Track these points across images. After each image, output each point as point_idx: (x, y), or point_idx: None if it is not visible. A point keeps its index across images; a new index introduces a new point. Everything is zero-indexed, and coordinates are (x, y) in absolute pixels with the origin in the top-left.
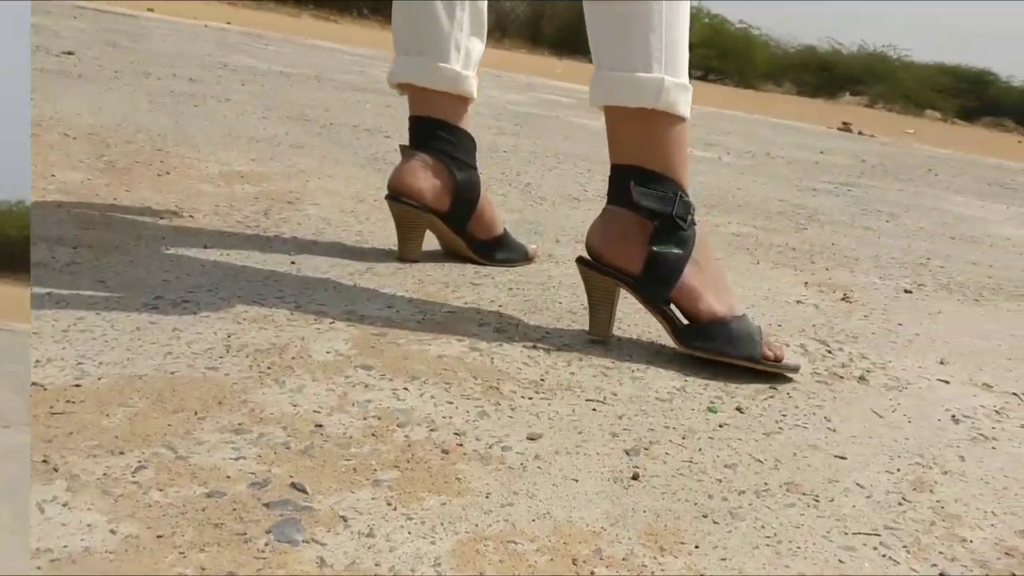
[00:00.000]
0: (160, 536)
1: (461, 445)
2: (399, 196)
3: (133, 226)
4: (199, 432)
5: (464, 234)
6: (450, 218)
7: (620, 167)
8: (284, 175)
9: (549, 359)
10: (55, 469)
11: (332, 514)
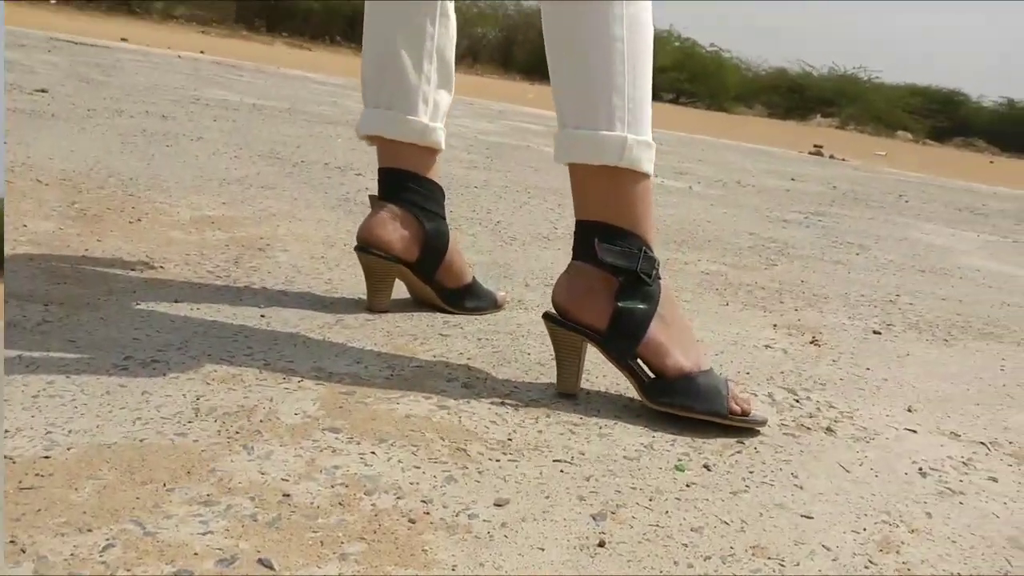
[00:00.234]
0: None
1: (428, 513)
2: (368, 247)
3: (104, 279)
4: (168, 505)
5: (433, 283)
6: (419, 268)
7: (585, 223)
8: (255, 219)
9: (517, 416)
10: (23, 550)
11: None
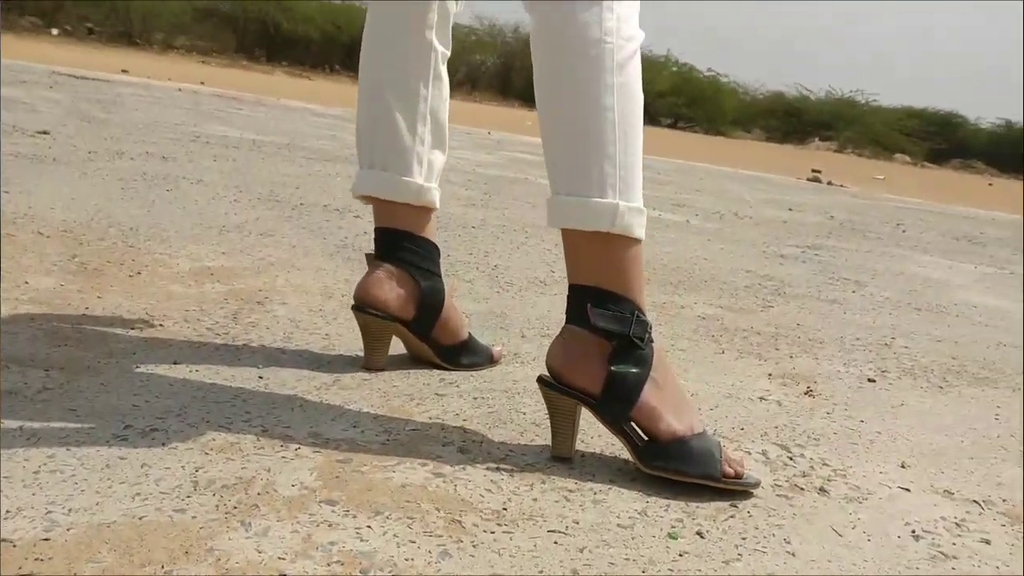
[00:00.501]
0: None
1: None
2: (365, 307)
3: (105, 340)
4: None
5: (429, 340)
6: (415, 326)
7: (578, 287)
8: (254, 269)
9: (512, 483)
10: None
11: None
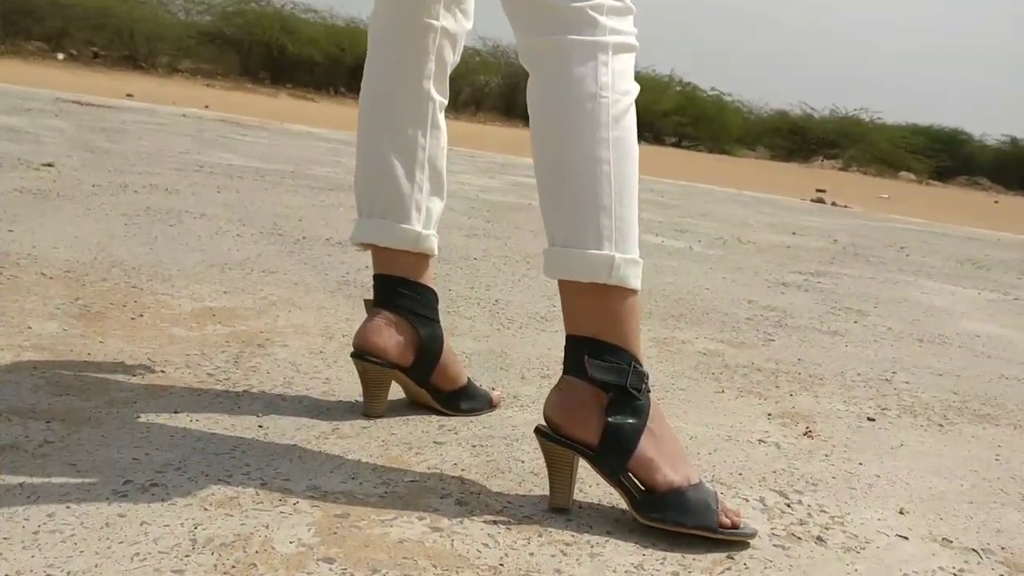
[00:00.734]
0: None
1: None
2: (364, 355)
3: (106, 388)
4: None
5: (428, 386)
6: (414, 372)
7: (575, 338)
8: (255, 309)
9: (509, 536)
10: None
11: None
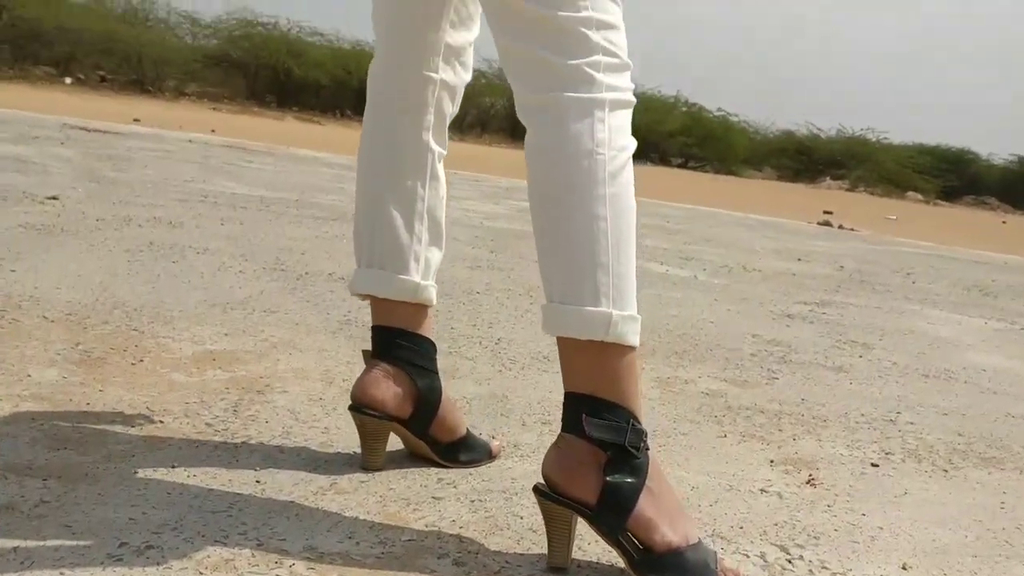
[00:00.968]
0: None
1: None
2: (362, 408)
3: (104, 441)
4: None
5: (427, 438)
6: (412, 424)
7: (573, 395)
8: (256, 353)
9: None
10: None
11: None
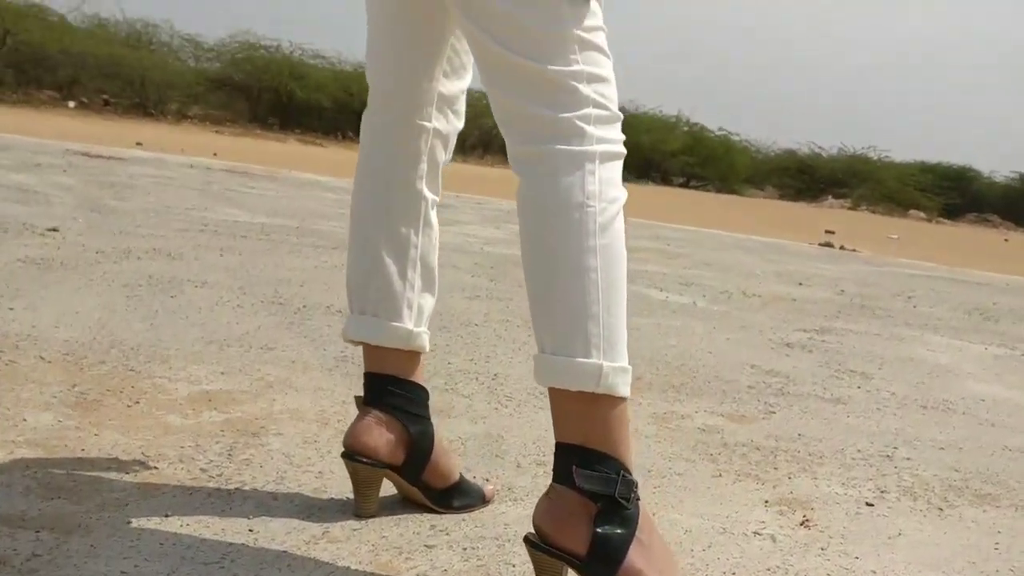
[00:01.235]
0: None
1: None
2: (355, 455)
3: (98, 489)
4: None
5: (420, 484)
6: (405, 471)
7: (564, 446)
8: (252, 393)
9: None
10: None
11: None
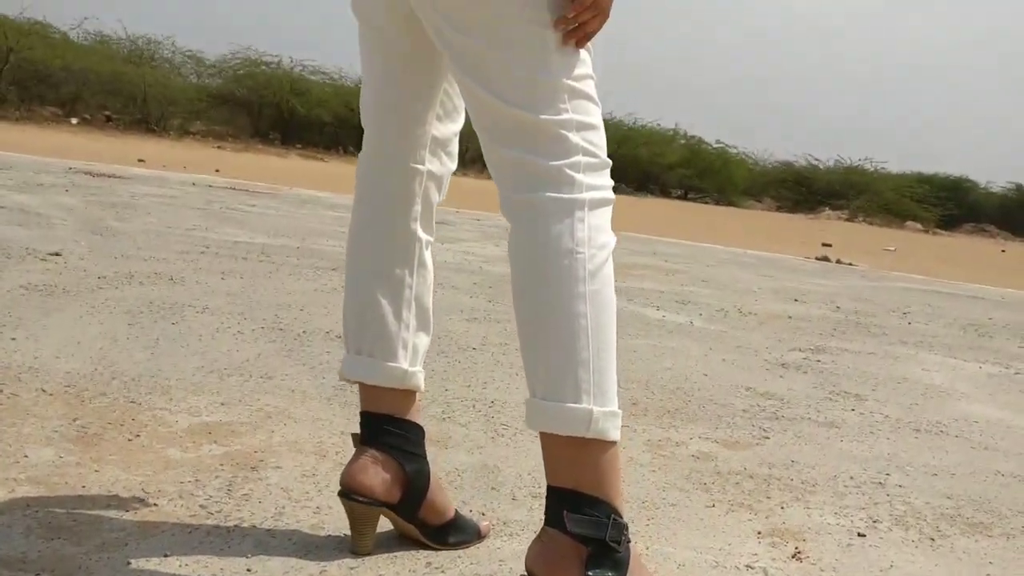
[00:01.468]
0: None
1: None
2: (351, 494)
3: (98, 528)
4: None
5: (416, 521)
6: (401, 509)
7: (555, 490)
8: (251, 424)
9: None
10: None
11: None
